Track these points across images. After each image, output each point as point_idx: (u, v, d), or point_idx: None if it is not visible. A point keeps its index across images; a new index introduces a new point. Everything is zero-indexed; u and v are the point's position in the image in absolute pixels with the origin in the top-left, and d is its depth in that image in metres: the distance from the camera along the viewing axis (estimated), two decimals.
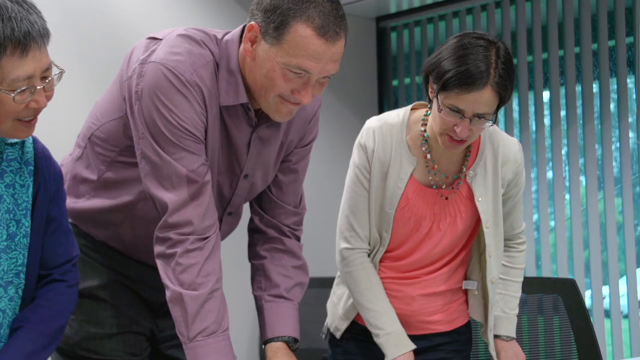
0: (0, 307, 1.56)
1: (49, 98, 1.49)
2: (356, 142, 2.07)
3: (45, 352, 1.61)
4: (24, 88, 1.43)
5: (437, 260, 2.10)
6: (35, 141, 1.63)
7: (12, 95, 1.42)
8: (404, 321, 2.05)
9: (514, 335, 2.17)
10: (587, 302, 4.39)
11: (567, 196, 4.85)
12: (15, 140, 1.58)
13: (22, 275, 1.59)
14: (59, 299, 1.64)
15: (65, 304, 1.65)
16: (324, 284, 2.29)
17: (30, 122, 1.50)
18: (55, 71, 1.49)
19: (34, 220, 1.60)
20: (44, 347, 1.59)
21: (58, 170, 1.66)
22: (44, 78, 1.47)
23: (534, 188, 4.91)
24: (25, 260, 1.58)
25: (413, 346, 2.01)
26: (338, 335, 2.15)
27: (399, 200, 2.01)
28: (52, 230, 1.64)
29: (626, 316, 4.69)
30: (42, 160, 1.62)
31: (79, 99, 2.83)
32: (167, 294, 1.69)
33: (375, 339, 2.02)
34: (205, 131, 1.73)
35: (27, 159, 1.59)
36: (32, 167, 1.60)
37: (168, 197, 1.68)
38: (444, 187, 2.05)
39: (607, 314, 4.79)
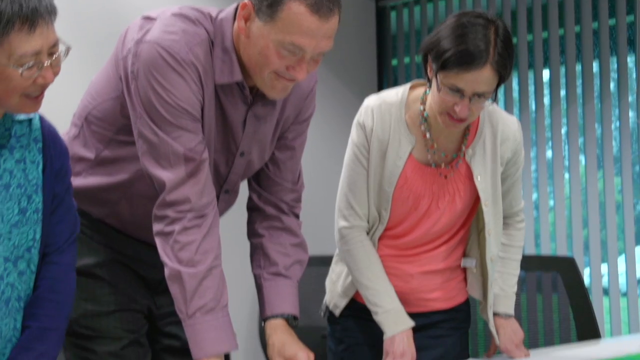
0: (9, 281, 1.57)
1: (55, 74, 1.51)
2: (355, 120, 2.07)
3: (55, 348, 1.63)
4: (31, 64, 1.45)
5: (435, 239, 2.10)
6: (42, 119, 1.65)
7: (20, 70, 1.44)
8: (403, 299, 2.06)
9: (512, 312, 2.18)
10: (586, 280, 4.40)
11: (567, 175, 4.85)
12: (23, 117, 1.60)
13: (34, 251, 1.60)
14: (60, 288, 1.65)
15: (65, 292, 1.66)
16: (324, 262, 2.29)
17: (37, 97, 1.52)
18: (61, 47, 1.50)
19: (45, 195, 1.62)
20: (53, 344, 1.62)
21: (64, 147, 1.69)
22: (51, 54, 1.48)
23: (533, 167, 4.91)
24: (37, 235, 1.60)
25: (412, 323, 2.02)
26: (337, 312, 2.16)
27: (397, 179, 2.02)
28: (54, 207, 1.65)
29: (624, 294, 4.71)
30: (49, 137, 1.64)
31: (75, 77, 2.82)
32: (166, 271, 1.69)
33: (374, 317, 2.03)
34: (202, 109, 1.73)
35: (35, 136, 1.61)
36: (40, 145, 1.62)
37: (165, 175, 1.69)
38: (442, 165, 2.05)
39: (606, 292, 4.80)
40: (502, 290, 2.17)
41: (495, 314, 2.16)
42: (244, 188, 1.97)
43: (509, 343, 2.14)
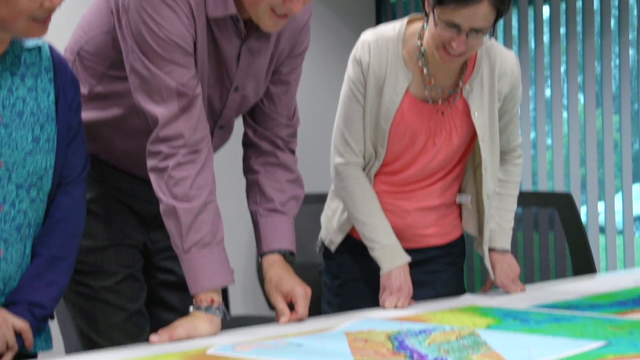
0: (22, 208, 1.59)
1: None
2: (351, 56, 2.05)
3: (64, 277, 1.65)
4: None
5: (432, 175, 2.10)
6: (51, 48, 1.65)
7: None
8: (399, 234, 2.06)
9: (508, 248, 2.19)
10: (583, 218, 4.42)
11: (565, 114, 4.84)
12: (32, 45, 1.60)
13: (45, 179, 1.62)
14: (72, 219, 1.67)
15: (77, 223, 1.68)
16: (320, 200, 2.29)
17: (44, 21, 1.51)
18: None
19: (59, 125, 1.63)
20: (63, 273, 1.64)
21: (75, 78, 1.69)
22: None
23: (531, 106, 4.89)
24: (49, 164, 1.61)
25: (408, 259, 2.03)
26: (332, 248, 2.17)
27: (394, 115, 2.00)
28: (70, 140, 1.66)
29: (621, 232, 4.74)
30: (60, 67, 1.64)
31: (67, 12, 2.78)
32: (161, 207, 1.69)
33: (371, 252, 2.04)
34: (194, 44, 1.70)
35: (46, 65, 1.62)
36: (52, 74, 1.62)
37: (158, 110, 1.68)
38: (439, 102, 2.04)
39: (602, 230, 4.83)
40: (499, 225, 2.18)
41: (491, 250, 2.17)
42: (239, 125, 1.96)
43: (505, 278, 2.16)
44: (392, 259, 2.02)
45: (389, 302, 1.96)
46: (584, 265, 2.83)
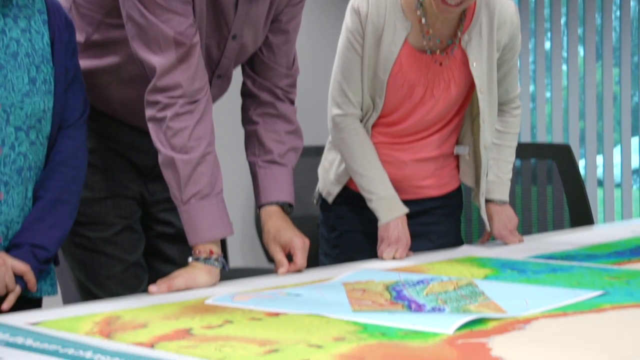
0: (22, 151, 1.59)
1: None
2: (349, 5, 2.03)
3: (67, 221, 1.65)
4: None
5: (430, 126, 2.09)
6: None
7: None
8: (396, 186, 2.06)
9: (507, 199, 2.19)
10: (581, 172, 4.43)
11: (565, 67, 4.81)
12: None
13: (44, 122, 1.62)
14: (74, 163, 1.67)
15: (78, 168, 1.68)
16: (319, 152, 2.28)
17: None
18: None
19: (56, 67, 1.62)
20: (65, 216, 1.64)
21: (70, 20, 1.68)
22: None
23: (531, 59, 4.87)
24: (47, 106, 1.61)
25: (406, 210, 2.04)
26: (330, 200, 2.17)
27: (392, 66, 1.99)
28: (69, 82, 1.65)
29: (619, 185, 4.74)
30: (53, 9, 1.63)
31: None
32: (160, 157, 1.68)
33: (369, 204, 2.04)
34: None
35: (39, 7, 1.61)
36: (45, 16, 1.61)
37: (156, 60, 1.66)
38: (438, 52, 2.02)
39: (600, 183, 4.83)
40: (497, 177, 2.17)
41: (489, 201, 2.17)
42: (238, 75, 1.94)
43: (503, 229, 2.16)
44: (389, 210, 2.02)
45: (387, 253, 1.97)
46: (581, 217, 2.84)
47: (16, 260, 1.54)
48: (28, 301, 1.58)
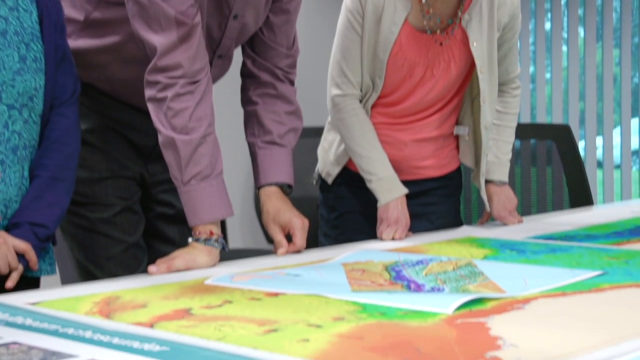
0: (16, 129, 1.59)
1: None
2: None
3: (64, 199, 1.65)
4: None
5: (430, 107, 2.09)
6: None
7: None
8: (396, 166, 2.06)
9: (506, 179, 2.19)
10: (581, 153, 4.43)
11: (565, 48, 4.80)
12: None
13: (36, 100, 1.61)
14: (68, 140, 1.67)
15: (73, 145, 1.68)
16: (318, 134, 2.28)
17: None
18: None
19: (45, 45, 1.61)
20: (63, 194, 1.65)
21: None
22: None
23: (531, 40, 4.85)
24: (39, 84, 1.61)
25: (405, 190, 2.03)
26: (329, 180, 2.16)
27: (392, 46, 1.98)
28: (59, 60, 1.65)
29: (618, 166, 4.74)
30: None
31: None
32: (160, 138, 1.68)
33: (368, 185, 2.04)
34: None
35: None
36: None
37: (156, 39, 1.65)
38: (438, 32, 2.01)
39: (600, 164, 4.83)
40: (497, 157, 2.17)
41: (489, 181, 2.17)
42: (239, 55, 1.94)
43: (503, 209, 2.16)
44: (389, 191, 2.02)
45: (387, 234, 1.97)
46: (581, 198, 2.84)
47: (17, 239, 1.55)
48: (26, 281, 1.59)
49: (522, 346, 1.00)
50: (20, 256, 1.55)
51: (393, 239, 1.96)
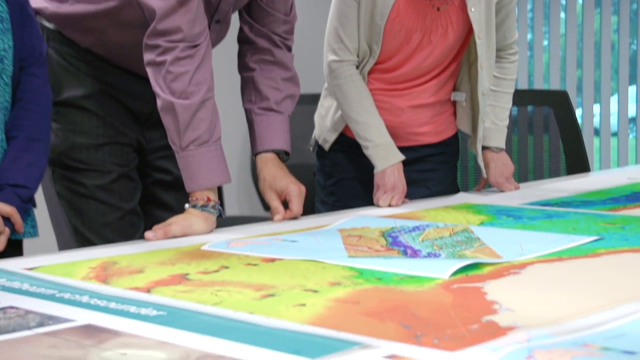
0: None
1: None
2: None
3: (42, 159, 1.64)
4: None
5: (427, 73, 2.08)
6: None
7: None
8: (393, 133, 2.05)
9: (503, 146, 2.19)
10: (578, 120, 4.42)
11: (563, 14, 4.77)
12: None
13: (6, 61, 1.60)
14: (41, 100, 1.65)
15: (47, 105, 1.67)
16: (315, 101, 2.27)
17: None
18: None
19: (9, 3, 1.59)
20: (40, 154, 1.64)
21: None
22: None
23: (529, 6, 4.82)
24: (7, 45, 1.59)
25: (402, 157, 2.03)
26: (326, 147, 2.16)
27: (389, 11, 1.96)
28: (25, 20, 1.63)
29: (615, 134, 4.74)
30: None
31: None
32: (159, 102, 1.67)
33: (365, 151, 2.03)
34: None
35: None
36: None
37: (155, 3, 1.63)
38: None
39: (597, 132, 4.83)
40: (494, 123, 2.17)
41: (486, 148, 2.17)
42: (235, 21, 1.92)
43: (499, 176, 2.16)
44: (385, 157, 2.01)
45: (383, 201, 1.97)
46: (578, 164, 2.84)
47: (1, 202, 1.54)
48: (9, 244, 1.58)
49: (518, 310, 1.00)
50: (6, 219, 1.54)
51: (389, 205, 1.96)
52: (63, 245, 1.87)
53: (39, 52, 1.66)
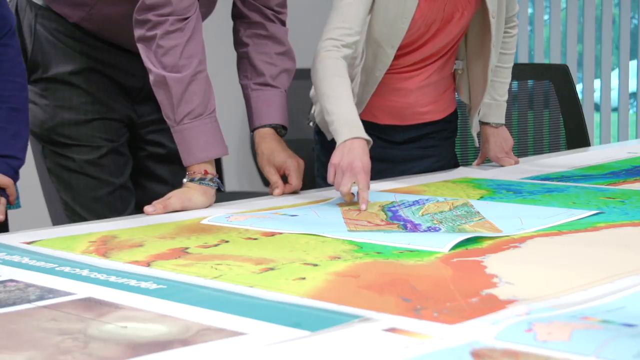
0: None
1: None
2: None
3: (25, 130, 1.63)
4: None
5: (436, 53, 2.04)
6: None
7: None
8: (399, 113, 2.02)
9: (503, 121, 2.18)
10: (579, 96, 4.41)
11: None
12: None
13: None
14: (19, 71, 1.64)
15: (24, 75, 1.65)
16: None
17: None
18: None
19: None
20: (23, 125, 1.62)
21: None
22: None
23: None
24: None
25: (369, 139, 1.72)
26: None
27: (413, 13, 1.90)
28: None
29: (615, 109, 4.73)
30: None
31: None
32: (151, 77, 1.66)
33: (330, 128, 1.73)
34: None
35: None
36: None
37: None
38: None
39: (597, 108, 4.82)
40: (493, 99, 2.15)
41: (486, 123, 2.16)
42: None
43: (499, 151, 2.15)
44: (350, 130, 1.71)
45: (344, 185, 1.60)
46: (578, 140, 2.83)
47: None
48: None
49: (518, 284, 1.00)
50: (2, 190, 1.54)
51: (352, 194, 1.62)
52: (56, 221, 1.87)
53: (10, 23, 1.64)
